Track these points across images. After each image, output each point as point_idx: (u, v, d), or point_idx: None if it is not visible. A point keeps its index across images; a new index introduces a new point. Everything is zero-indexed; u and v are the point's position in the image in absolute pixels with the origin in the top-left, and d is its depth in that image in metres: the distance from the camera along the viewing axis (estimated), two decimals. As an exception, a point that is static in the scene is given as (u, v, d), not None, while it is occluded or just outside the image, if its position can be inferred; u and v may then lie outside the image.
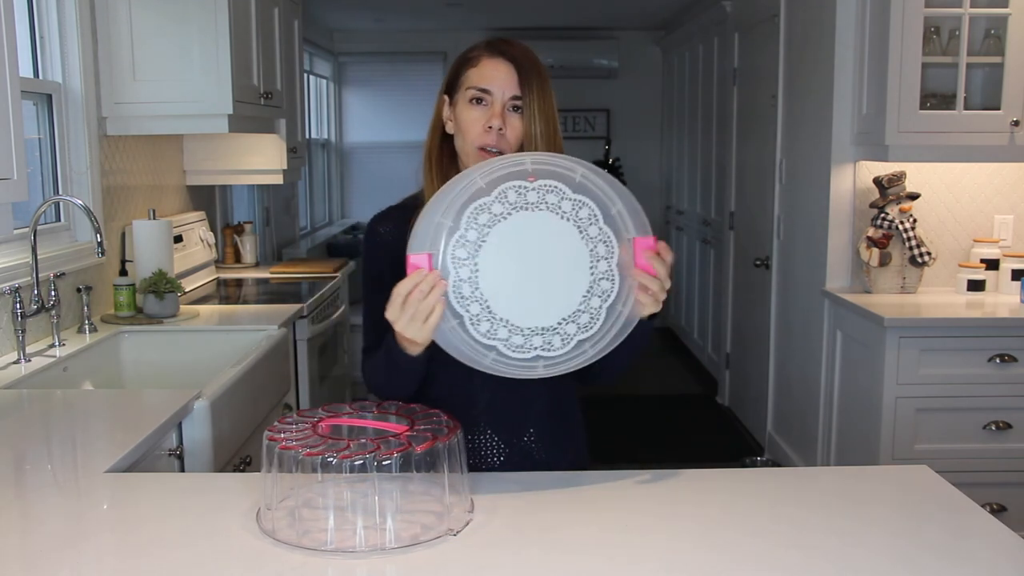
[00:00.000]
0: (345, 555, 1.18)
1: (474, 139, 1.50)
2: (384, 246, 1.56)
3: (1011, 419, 2.96)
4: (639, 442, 4.63)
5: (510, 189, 1.31)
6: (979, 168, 3.39)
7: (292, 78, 4.01)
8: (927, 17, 3.05)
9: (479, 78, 1.49)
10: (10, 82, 1.74)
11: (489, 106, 1.49)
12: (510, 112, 1.49)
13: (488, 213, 1.31)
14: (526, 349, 1.30)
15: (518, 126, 1.50)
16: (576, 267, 1.32)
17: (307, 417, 1.32)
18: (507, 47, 1.51)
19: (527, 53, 1.52)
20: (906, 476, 1.50)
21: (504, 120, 1.48)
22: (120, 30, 2.91)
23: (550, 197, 1.32)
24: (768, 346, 4.32)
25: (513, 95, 1.48)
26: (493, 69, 1.49)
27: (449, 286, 1.30)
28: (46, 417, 1.93)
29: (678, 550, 1.21)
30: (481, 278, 1.31)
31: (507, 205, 1.31)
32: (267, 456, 1.24)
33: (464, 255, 1.30)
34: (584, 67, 7.07)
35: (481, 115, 1.49)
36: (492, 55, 1.50)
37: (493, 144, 1.49)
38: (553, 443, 1.61)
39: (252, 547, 1.21)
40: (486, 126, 1.48)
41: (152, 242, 2.98)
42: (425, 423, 1.30)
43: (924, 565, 1.17)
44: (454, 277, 1.30)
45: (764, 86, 4.43)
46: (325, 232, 6.67)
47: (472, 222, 1.30)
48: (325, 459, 1.19)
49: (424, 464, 1.23)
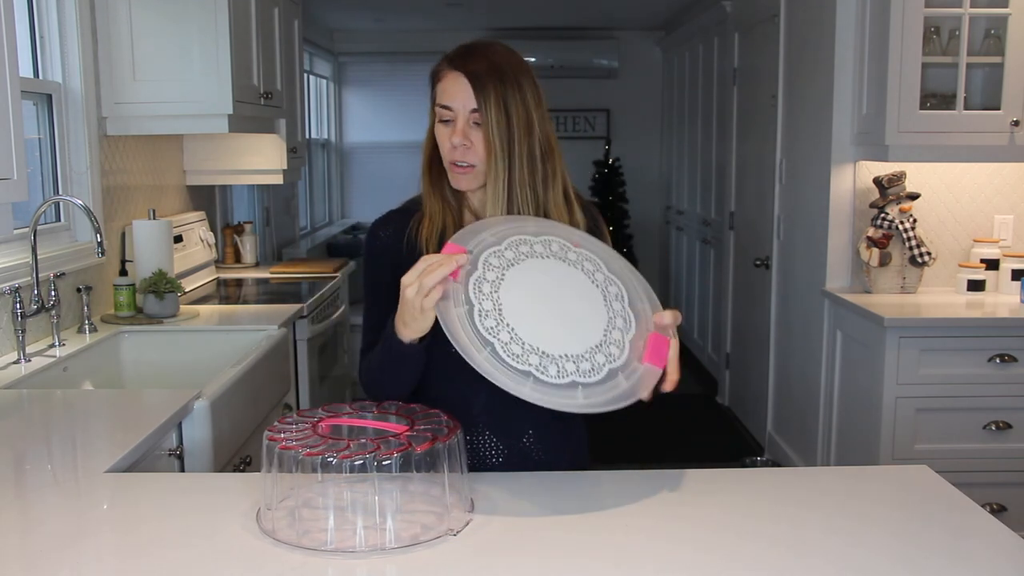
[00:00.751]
0: (345, 555, 1.18)
1: (446, 155, 1.51)
2: (385, 250, 1.58)
3: (1011, 419, 2.96)
4: (639, 442, 4.62)
5: (555, 242, 1.41)
6: (979, 168, 3.39)
7: (292, 78, 4.01)
8: (927, 17, 3.05)
9: (441, 94, 1.49)
10: (10, 82, 1.74)
11: (453, 122, 1.49)
12: (472, 127, 1.48)
13: (530, 247, 1.39)
14: (521, 361, 1.29)
15: (481, 138, 1.49)
16: (593, 324, 1.36)
17: (307, 417, 1.32)
18: (467, 58, 1.48)
19: (489, 60, 1.47)
20: (906, 476, 1.50)
21: (466, 135, 1.48)
22: (120, 30, 2.91)
23: (587, 264, 1.41)
24: (768, 346, 4.32)
25: (472, 108, 1.47)
26: (452, 84, 1.48)
27: (472, 280, 1.32)
28: (46, 417, 1.93)
29: (678, 551, 1.21)
30: (503, 287, 1.34)
31: (548, 251, 1.40)
32: (267, 456, 1.24)
33: (497, 263, 1.36)
34: (584, 67, 7.07)
35: (448, 132, 1.49)
36: (451, 69, 1.48)
37: (461, 159, 1.49)
38: (553, 444, 1.61)
39: (252, 547, 1.21)
40: (451, 143, 1.49)
41: (152, 242, 2.98)
42: (425, 423, 1.30)
43: (924, 565, 1.17)
44: (478, 275, 1.34)
45: (764, 86, 4.43)
46: (325, 232, 6.67)
47: (514, 247, 1.38)
48: (325, 459, 1.19)
49: (424, 464, 1.23)
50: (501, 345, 1.29)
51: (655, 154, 7.38)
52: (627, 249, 7.02)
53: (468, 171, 1.50)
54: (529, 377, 1.28)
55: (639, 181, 7.24)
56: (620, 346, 1.35)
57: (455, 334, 1.29)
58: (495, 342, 1.30)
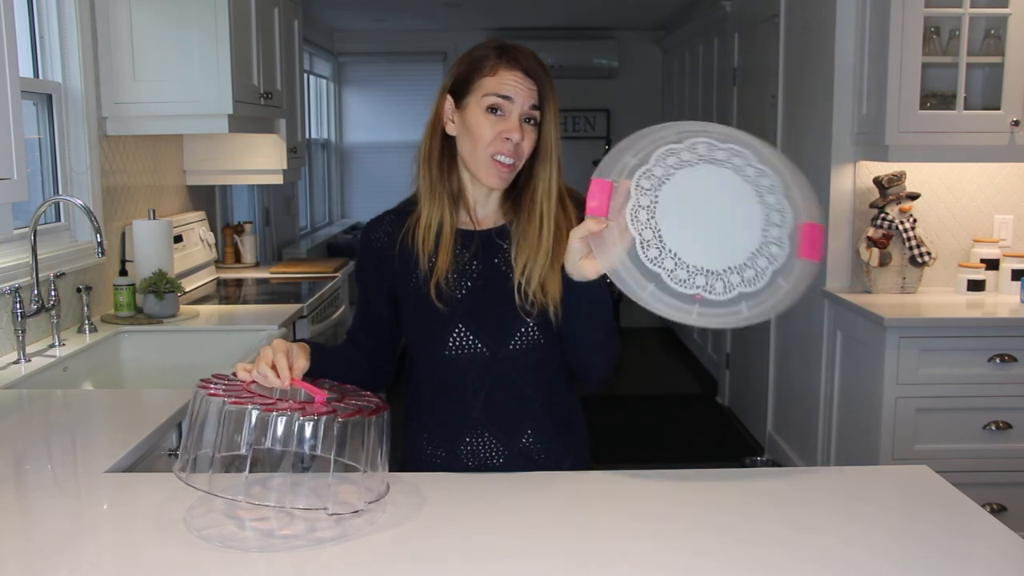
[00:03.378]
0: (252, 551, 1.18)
1: (487, 146, 1.49)
2: (378, 251, 1.59)
3: (1011, 419, 2.96)
4: (639, 442, 4.62)
5: (700, 143, 1.36)
6: (979, 168, 3.39)
7: (292, 78, 4.01)
8: (927, 17, 3.05)
9: (499, 85, 1.48)
10: (10, 82, 1.74)
11: (506, 116, 1.48)
12: (525, 124, 1.49)
13: (677, 157, 1.35)
14: (688, 285, 1.30)
15: (533, 137, 1.50)
16: (749, 226, 1.35)
17: (239, 380, 1.35)
18: (521, 57, 1.50)
19: (539, 62, 1.52)
20: (906, 476, 1.50)
21: (522, 131, 1.49)
22: (120, 30, 2.91)
23: (736, 160, 1.37)
24: (768, 346, 4.32)
25: (532, 105, 1.49)
26: (514, 80, 1.48)
27: (628, 210, 1.32)
28: (46, 417, 1.93)
29: (677, 551, 1.21)
30: (659, 210, 1.33)
31: (695, 155, 1.36)
32: (193, 405, 1.25)
33: (648, 186, 1.33)
34: (584, 67, 7.07)
35: (497, 123, 1.48)
36: (510, 66, 1.49)
37: (509, 155, 1.49)
38: (553, 444, 1.61)
39: (251, 547, 1.21)
40: (503, 136, 1.48)
41: (152, 242, 2.98)
42: (356, 399, 1.31)
43: (924, 565, 1.17)
44: (633, 203, 1.33)
45: (764, 86, 4.43)
46: (325, 232, 6.67)
47: (661, 161, 1.35)
48: (250, 410, 1.19)
49: (346, 438, 1.23)
50: (667, 273, 1.30)
51: (655, 154, 7.37)
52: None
53: (509, 169, 1.51)
54: (695, 303, 1.30)
55: (639, 181, 7.24)
56: (780, 244, 1.34)
57: (619, 279, 1.31)
58: (661, 271, 1.30)
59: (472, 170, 1.53)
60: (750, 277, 1.31)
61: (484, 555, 1.19)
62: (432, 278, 1.52)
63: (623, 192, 1.32)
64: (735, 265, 1.32)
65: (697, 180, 1.35)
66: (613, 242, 1.32)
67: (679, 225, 1.32)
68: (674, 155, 1.36)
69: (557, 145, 1.53)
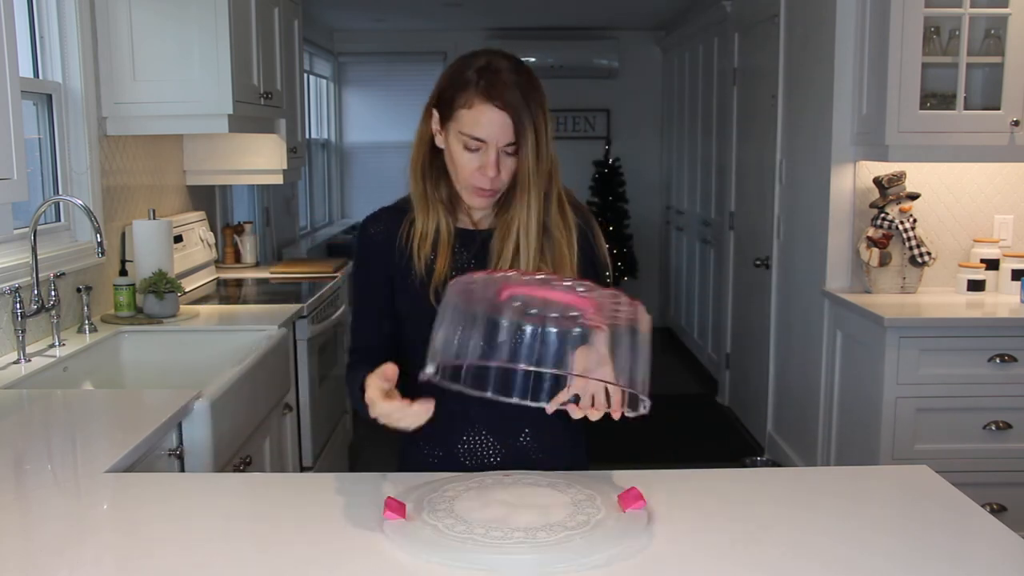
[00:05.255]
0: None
1: (467, 179, 1.49)
2: (376, 249, 1.59)
3: (1011, 419, 2.96)
4: (639, 442, 4.62)
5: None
6: (979, 168, 3.39)
7: (292, 78, 4.01)
8: (927, 17, 3.05)
9: (473, 125, 1.45)
10: (10, 82, 1.74)
11: (483, 152, 1.47)
12: (504, 156, 1.47)
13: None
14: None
15: (511, 167, 1.49)
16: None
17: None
18: (502, 89, 1.44)
19: (522, 90, 1.45)
20: (906, 476, 1.50)
21: (498, 166, 1.47)
22: (120, 30, 2.91)
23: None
24: (768, 346, 4.32)
25: (508, 142, 1.46)
26: (486, 117, 1.44)
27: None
28: (46, 417, 1.93)
29: (677, 551, 1.21)
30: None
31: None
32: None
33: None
34: (584, 67, 7.07)
35: (474, 159, 1.47)
36: (486, 99, 1.44)
37: (488, 187, 1.49)
38: (550, 443, 1.61)
39: (250, 548, 1.21)
40: (480, 171, 1.48)
41: (152, 242, 2.98)
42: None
43: (924, 565, 1.17)
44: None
45: (764, 86, 4.43)
46: (325, 232, 6.67)
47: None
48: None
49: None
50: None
51: (655, 154, 7.38)
52: (627, 249, 7.02)
53: (490, 195, 1.51)
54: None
55: (639, 181, 7.24)
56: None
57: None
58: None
59: (457, 190, 1.54)
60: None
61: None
62: (431, 282, 1.52)
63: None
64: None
65: None
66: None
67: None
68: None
69: (543, 171, 1.49)
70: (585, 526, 1.22)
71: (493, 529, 1.21)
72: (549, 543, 1.17)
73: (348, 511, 1.31)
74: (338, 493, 1.38)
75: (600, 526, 1.23)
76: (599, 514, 1.26)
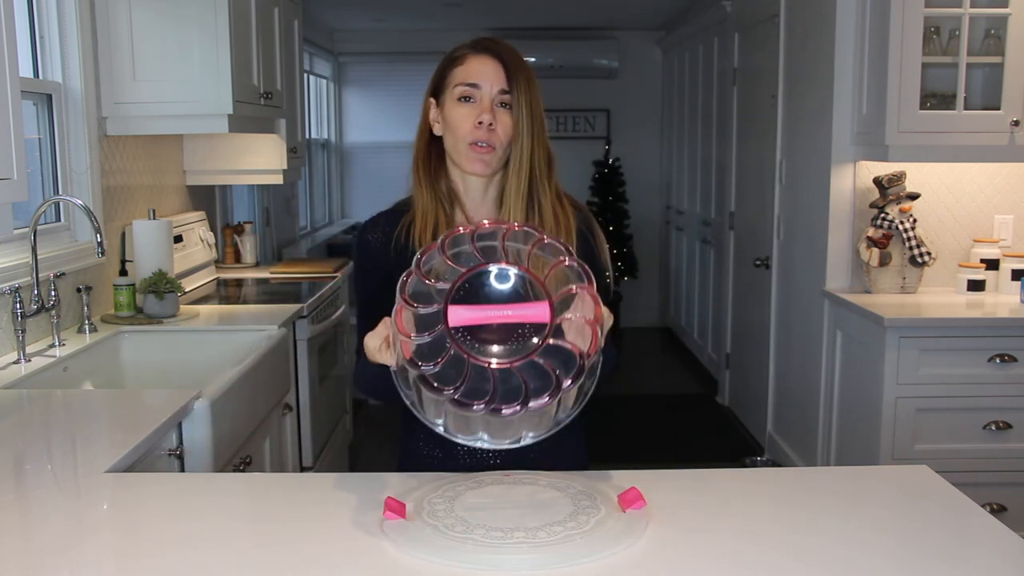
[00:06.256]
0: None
1: (464, 135, 1.51)
2: (374, 254, 1.60)
3: (1011, 419, 2.96)
4: (639, 442, 4.62)
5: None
6: (979, 168, 3.39)
7: (292, 78, 4.00)
8: (927, 17, 3.05)
9: (466, 74, 1.51)
10: (10, 82, 1.74)
11: (478, 102, 1.51)
12: (498, 108, 1.51)
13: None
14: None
15: (507, 122, 1.51)
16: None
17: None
18: (492, 44, 1.53)
19: (513, 51, 1.54)
20: (906, 476, 1.50)
21: (494, 115, 1.50)
22: (120, 30, 2.91)
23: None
24: (768, 346, 4.32)
25: (501, 89, 1.50)
26: (480, 65, 1.51)
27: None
28: (46, 417, 1.93)
29: (676, 550, 1.21)
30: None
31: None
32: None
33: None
34: (584, 67, 7.07)
35: (470, 111, 1.51)
36: (478, 52, 1.52)
37: (484, 139, 1.50)
38: (550, 443, 1.60)
39: (252, 548, 1.21)
40: (476, 122, 1.50)
41: (152, 242, 2.98)
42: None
43: (924, 565, 1.17)
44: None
45: (764, 86, 4.43)
46: (325, 232, 6.67)
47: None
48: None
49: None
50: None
51: (655, 154, 7.38)
52: (627, 249, 7.02)
53: (488, 152, 1.51)
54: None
55: (639, 181, 7.23)
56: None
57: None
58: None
59: (457, 162, 1.55)
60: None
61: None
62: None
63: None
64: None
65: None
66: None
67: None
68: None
69: (537, 133, 1.51)
70: (585, 526, 1.22)
71: (493, 529, 1.21)
72: (549, 543, 1.17)
73: (348, 511, 1.31)
74: (338, 493, 1.38)
75: (600, 526, 1.23)
76: (599, 514, 1.26)
